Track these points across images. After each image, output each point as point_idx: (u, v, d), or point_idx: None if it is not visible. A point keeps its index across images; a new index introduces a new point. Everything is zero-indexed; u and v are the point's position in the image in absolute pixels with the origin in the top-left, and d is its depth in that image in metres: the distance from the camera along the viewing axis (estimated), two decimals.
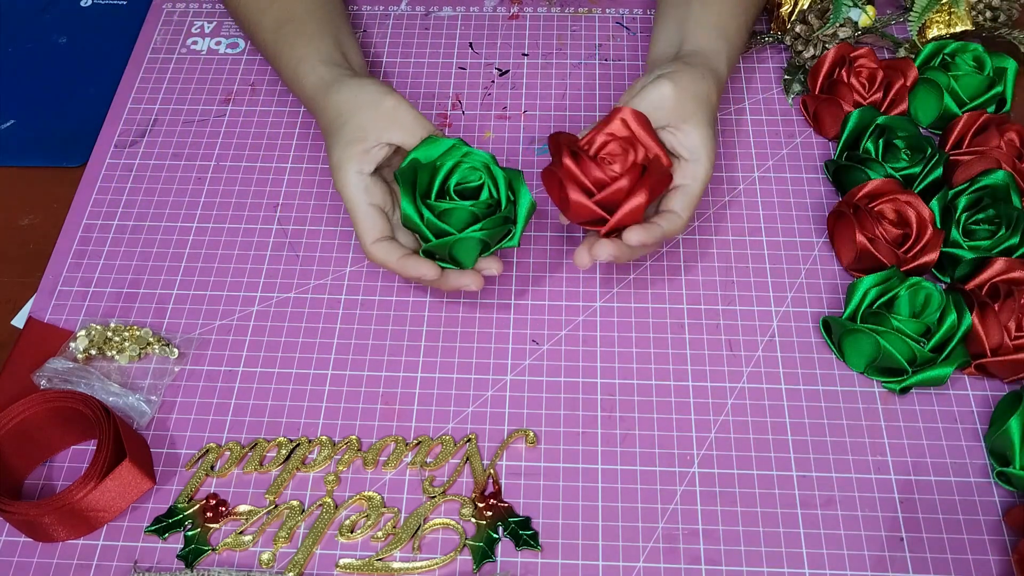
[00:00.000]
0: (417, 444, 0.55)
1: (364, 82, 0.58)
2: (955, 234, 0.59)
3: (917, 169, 0.62)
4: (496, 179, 0.55)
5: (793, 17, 0.72)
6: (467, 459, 0.54)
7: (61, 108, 0.73)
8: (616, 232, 0.55)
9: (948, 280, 0.61)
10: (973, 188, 0.60)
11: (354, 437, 0.55)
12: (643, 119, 0.55)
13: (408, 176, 0.54)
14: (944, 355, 0.55)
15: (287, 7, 0.65)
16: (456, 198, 0.54)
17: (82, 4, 0.80)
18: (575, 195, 0.53)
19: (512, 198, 0.56)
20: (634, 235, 0.53)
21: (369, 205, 0.56)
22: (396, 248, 0.55)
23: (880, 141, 0.64)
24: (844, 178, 0.65)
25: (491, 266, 0.56)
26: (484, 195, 0.55)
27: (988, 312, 0.55)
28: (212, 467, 0.54)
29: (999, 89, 0.67)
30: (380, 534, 0.52)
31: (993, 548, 0.51)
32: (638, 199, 0.53)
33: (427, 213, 0.54)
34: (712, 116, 0.58)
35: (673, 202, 0.56)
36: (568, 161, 0.53)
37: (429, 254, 0.55)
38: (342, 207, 0.65)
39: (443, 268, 0.55)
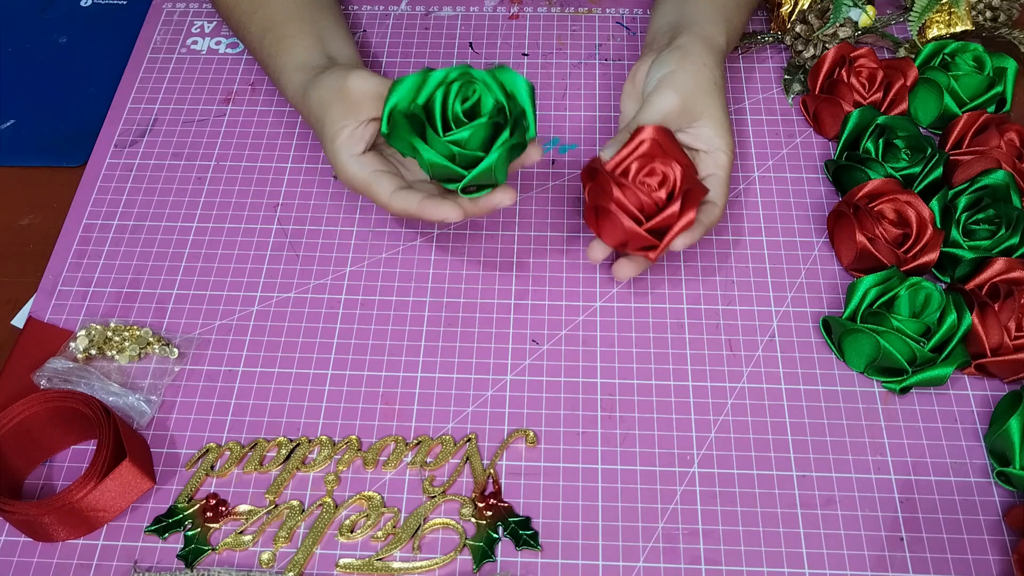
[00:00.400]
0: (417, 444, 0.55)
1: (327, 76, 0.58)
2: (955, 234, 0.59)
3: (917, 169, 0.62)
4: (486, 83, 0.53)
5: (793, 17, 0.72)
6: (467, 459, 0.54)
7: (61, 108, 0.73)
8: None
9: (948, 280, 0.61)
10: (973, 188, 0.60)
11: (354, 437, 0.55)
12: (668, 133, 0.56)
13: (403, 127, 0.52)
14: (944, 355, 0.55)
15: (269, 13, 0.65)
16: (465, 120, 0.52)
17: (82, 4, 0.80)
18: (629, 223, 0.53)
19: (509, 92, 0.53)
20: (681, 241, 0.54)
21: (373, 172, 0.56)
22: (414, 194, 0.55)
23: (880, 141, 0.64)
24: (844, 178, 0.65)
25: (506, 197, 0.55)
26: (488, 104, 0.53)
27: (988, 312, 0.55)
28: (212, 467, 0.54)
29: (999, 89, 0.67)
30: (380, 534, 0.52)
31: (993, 548, 0.51)
32: (689, 216, 0.54)
33: (453, 148, 0.51)
34: (721, 100, 0.59)
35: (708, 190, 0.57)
36: (616, 191, 0.53)
37: (467, 190, 0.54)
38: (342, 207, 0.66)
39: (469, 197, 0.54)
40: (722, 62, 0.61)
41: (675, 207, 0.53)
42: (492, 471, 0.54)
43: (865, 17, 0.71)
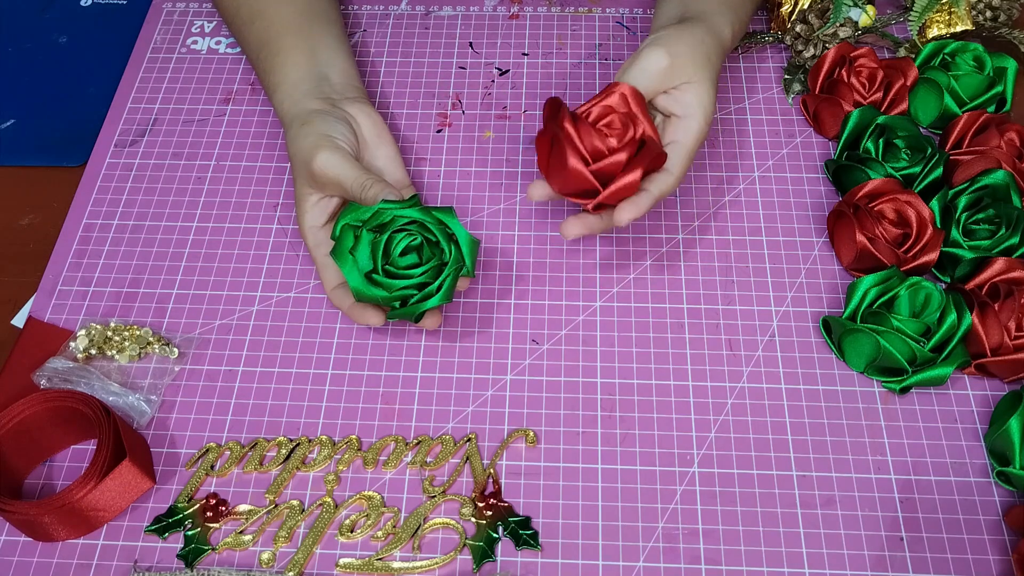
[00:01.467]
0: (417, 444, 0.55)
1: (306, 132, 0.58)
2: (955, 234, 0.59)
3: (917, 169, 0.62)
4: (431, 229, 0.54)
5: (793, 17, 0.72)
6: (467, 459, 0.54)
7: (61, 108, 0.73)
8: (602, 206, 0.54)
9: (948, 280, 0.61)
10: (973, 188, 0.60)
11: (354, 437, 0.55)
12: (640, 98, 0.55)
13: (345, 257, 0.53)
14: (944, 355, 0.55)
15: (265, 25, 0.65)
16: (400, 264, 0.53)
17: (82, 4, 0.80)
18: (573, 161, 0.53)
19: (452, 240, 0.54)
20: (625, 213, 0.54)
21: (326, 256, 0.57)
22: (347, 296, 0.56)
23: (880, 141, 0.64)
24: (844, 178, 0.65)
25: (433, 320, 0.56)
26: (426, 254, 0.54)
27: (988, 312, 0.55)
28: (212, 467, 0.54)
29: (999, 89, 0.67)
30: (380, 534, 0.52)
31: (993, 548, 0.51)
32: (633, 176, 0.53)
33: (381, 292, 0.53)
34: (713, 75, 0.58)
35: (667, 158, 0.56)
36: (568, 125, 0.53)
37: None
38: None
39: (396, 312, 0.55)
40: (722, 52, 0.61)
41: (622, 155, 0.52)
42: (492, 471, 0.54)
43: (865, 17, 0.71)
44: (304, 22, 0.65)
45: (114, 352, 0.58)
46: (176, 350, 0.59)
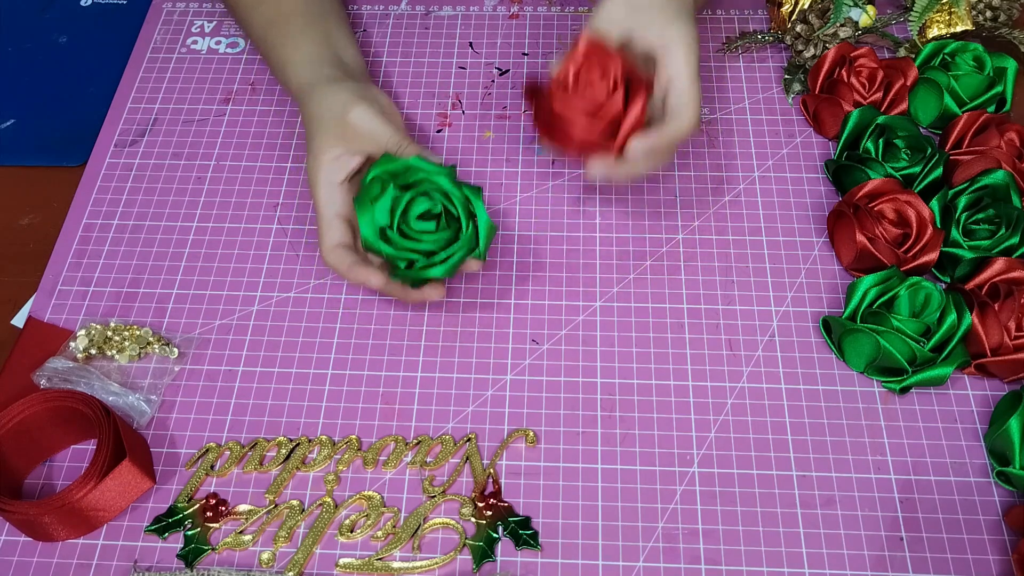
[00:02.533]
0: (417, 444, 0.55)
1: (336, 89, 0.58)
2: (955, 234, 0.59)
3: (917, 169, 0.62)
4: (454, 202, 0.54)
5: (793, 17, 0.72)
6: (467, 459, 0.54)
7: (61, 108, 0.73)
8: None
9: (948, 280, 0.61)
10: (973, 188, 0.60)
11: (354, 437, 0.55)
12: (601, 42, 0.56)
13: (365, 206, 0.53)
14: (944, 355, 0.55)
15: (275, 5, 0.65)
16: (415, 228, 0.54)
17: (82, 4, 0.80)
18: (581, 124, 0.53)
19: (472, 218, 0.55)
20: (638, 144, 0.54)
21: (335, 215, 0.56)
22: (348, 255, 0.56)
23: (880, 141, 0.64)
24: (844, 178, 0.64)
25: (435, 292, 0.56)
26: (443, 224, 0.54)
27: (988, 312, 0.55)
28: (212, 467, 0.54)
29: (999, 89, 0.67)
30: (380, 534, 0.52)
31: (993, 548, 0.51)
32: (636, 107, 0.53)
33: (389, 248, 0.53)
34: (683, 6, 0.57)
35: (672, 103, 0.55)
36: (559, 93, 0.54)
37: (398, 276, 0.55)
38: None
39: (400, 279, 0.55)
40: (692, 4, 0.59)
41: (618, 96, 0.53)
42: (492, 471, 0.54)
43: (866, 17, 0.71)
44: (315, 8, 0.65)
45: (114, 352, 0.58)
46: (176, 350, 0.59)
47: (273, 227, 0.65)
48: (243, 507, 0.53)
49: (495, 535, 0.52)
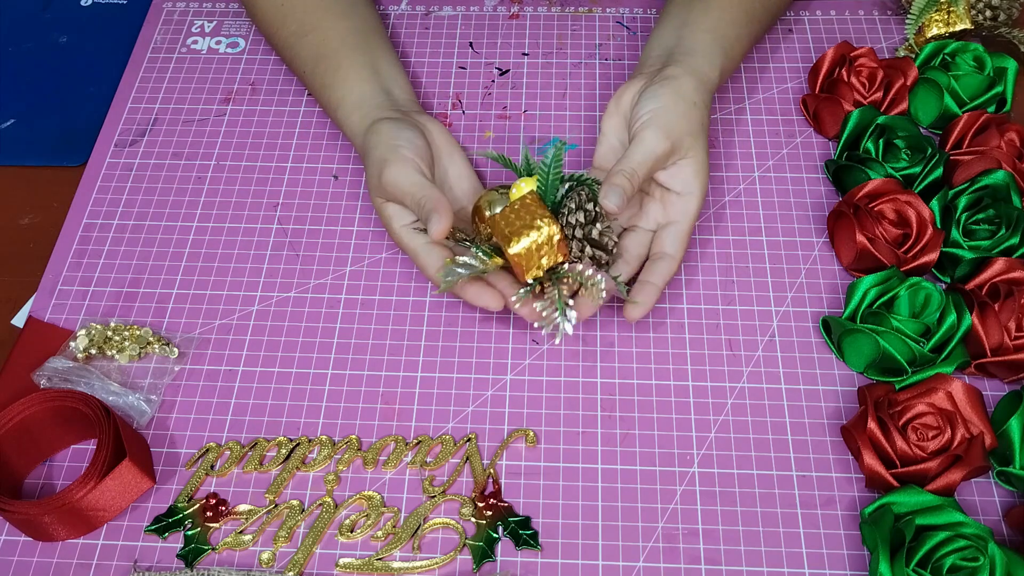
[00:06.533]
0: (417, 444, 0.55)
1: (374, 144, 0.58)
2: (955, 234, 0.59)
3: (917, 169, 0.62)
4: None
5: None
6: (467, 459, 0.54)
7: (61, 108, 0.73)
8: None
9: (948, 280, 0.61)
10: (973, 188, 0.60)
11: (354, 437, 0.55)
12: (975, 395, 0.53)
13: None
14: (944, 355, 0.55)
15: (321, 39, 0.65)
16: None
17: (82, 4, 0.80)
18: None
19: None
20: (635, 312, 0.55)
21: (425, 244, 0.56)
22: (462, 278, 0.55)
23: (880, 141, 0.64)
24: (844, 178, 0.64)
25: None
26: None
27: (988, 312, 0.55)
28: (212, 466, 0.54)
29: (999, 89, 0.67)
30: (380, 534, 0.52)
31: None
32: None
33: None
34: (705, 142, 0.59)
35: (665, 243, 0.57)
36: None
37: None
38: (343, 207, 0.66)
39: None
40: (711, 98, 0.61)
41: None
42: (492, 471, 0.54)
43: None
44: (361, 39, 0.65)
45: (114, 352, 0.58)
46: (176, 350, 0.59)
47: (273, 227, 0.65)
48: (243, 507, 0.53)
49: (495, 535, 0.52)
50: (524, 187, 0.54)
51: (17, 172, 0.70)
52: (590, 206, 0.54)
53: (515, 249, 0.51)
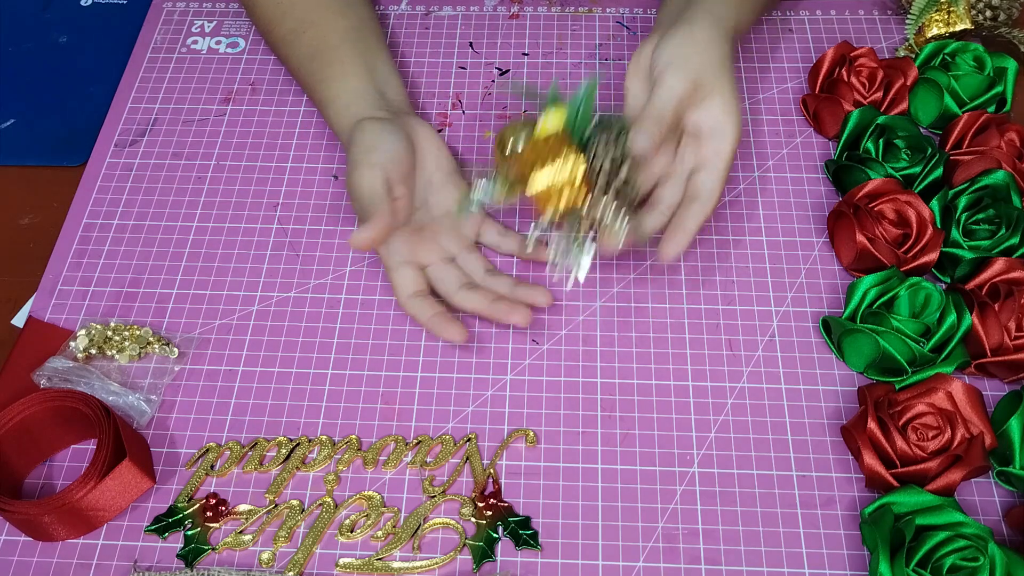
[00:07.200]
0: (417, 444, 0.55)
1: (350, 154, 0.57)
2: (955, 234, 0.59)
3: (917, 169, 0.62)
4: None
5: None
6: (467, 459, 0.54)
7: (61, 108, 0.73)
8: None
9: (948, 280, 0.61)
10: (973, 188, 0.60)
11: (354, 437, 0.55)
12: (975, 395, 0.53)
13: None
14: (944, 355, 0.55)
15: (319, 35, 0.65)
16: None
17: (82, 4, 0.80)
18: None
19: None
20: (671, 249, 0.55)
21: (399, 263, 0.57)
22: (429, 306, 0.56)
23: (880, 141, 0.64)
24: (844, 178, 0.64)
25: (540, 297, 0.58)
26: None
27: (988, 312, 0.55)
28: (212, 466, 0.54)
29: (999, 89, 0.67)
30: (380, 534, 0.52)
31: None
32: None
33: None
34: (731, 77, 0.57)
35: (698, 185, 0.56)
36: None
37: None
38: (342, 207, 0.66)
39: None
40: (731, 40, 0.59)
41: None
42: (492, 471, 0.54)
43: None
44: (359, 37, 0.65)
45: (114, 352, 0.58)
46: (176, 350, 0.59)
47: (273, 227, 0.65)
48: (243, 507, 0.53)
49: (495, 535, 0.52)
50: (551, 120, 0.53)
51: (17, 172, 0.70)
52: (618, 146, 0.53)
53: (536, 185, 0.50)
